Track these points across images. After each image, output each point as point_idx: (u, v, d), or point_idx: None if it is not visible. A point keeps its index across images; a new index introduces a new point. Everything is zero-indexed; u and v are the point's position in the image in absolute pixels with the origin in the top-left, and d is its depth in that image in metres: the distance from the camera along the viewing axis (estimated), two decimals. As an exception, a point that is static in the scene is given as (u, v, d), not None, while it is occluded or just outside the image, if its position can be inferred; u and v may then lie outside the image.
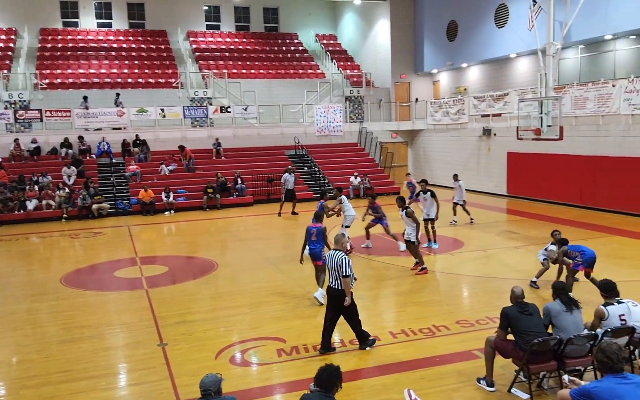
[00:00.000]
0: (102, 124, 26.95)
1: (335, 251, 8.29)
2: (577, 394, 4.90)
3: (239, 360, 8.27)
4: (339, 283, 8.13)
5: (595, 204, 20.22)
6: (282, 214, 21.82)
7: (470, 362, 7.85)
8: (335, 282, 8.19)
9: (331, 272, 8.24)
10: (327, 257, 8.41)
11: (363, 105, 32.42)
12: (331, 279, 8.26)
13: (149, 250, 16.85)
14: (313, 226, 11.15)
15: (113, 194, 24.12)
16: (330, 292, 8.31)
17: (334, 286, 8.20)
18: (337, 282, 8.15)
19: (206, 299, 11.53)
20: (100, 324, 10.08)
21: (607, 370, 4.76)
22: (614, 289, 7.13)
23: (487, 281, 12.17)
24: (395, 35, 32.74)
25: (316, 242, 10.99)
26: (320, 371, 5.17)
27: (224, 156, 27.79)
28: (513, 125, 22.26)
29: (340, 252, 8.24)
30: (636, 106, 18.70)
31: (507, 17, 25.69)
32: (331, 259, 8.24)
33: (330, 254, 8.32)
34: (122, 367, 8.40)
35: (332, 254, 8.26)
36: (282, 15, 38.98)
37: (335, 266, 8.13)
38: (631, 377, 4.74)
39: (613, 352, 4.75)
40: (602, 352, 4.80)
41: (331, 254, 8.29)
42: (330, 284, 8.30)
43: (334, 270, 8.17)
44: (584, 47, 23.48)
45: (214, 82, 30.46)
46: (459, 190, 18.54)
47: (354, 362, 7.97)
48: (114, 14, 35.61)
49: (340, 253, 8.22)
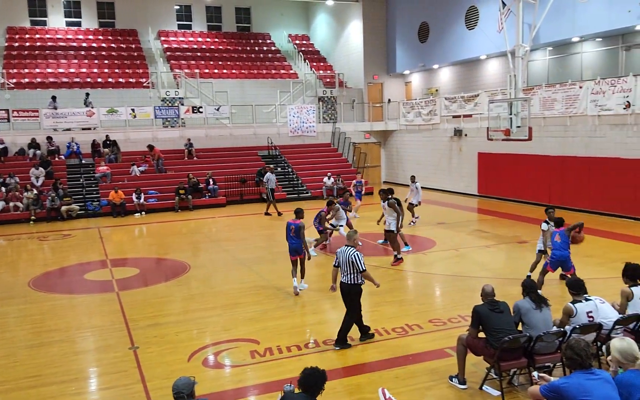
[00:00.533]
0: (71, 124, 26.49)
1: (347, 247, 8.46)
2: (547, 390, 5.00)
3: (212, 363, 8.22)
4: (351, 278, 8.33)
5: (563, 203, 20.61)
6: (270, 213, 21.84)
7: (442, 360, 7.94)
8: (347, 278, 8.37)
9: (344, 268, 8.39)
10: (339, 253, 8.53)
11: (336, 105, 32.51)
12: (343, 275, 8.42)
13: (120, 252, 16.63)
14: (293, 222, 11.40)
15: (83, 196, 23.74)
16: (343, 288, 8.48)
17: (347, 281, 8.39)
18: (349, 277, 8.35)
19: (178, 301, 11.42)
20: (70, 328, 9.91)
21: (576, 367, 4.86)
22: (582, 286, 7.28)
23: (459, 280, 12.32)
24: (368, 37, 32.90)
25: (295, 238, 11.27)
26: (306, 375, 5.05)
27: (196, 157, 27.57)
28: (483, 126, 22.56)
29: (352, 249, 8.40)
30: (602, 107, 19.13)
31: (477, 19, 26.03)
32: (343, 254, 8.39)
33: (342, 250, 8.47)
34: (92, 371, 8.27)
35: (344, 250, 8.42)
36: (255, 15, 38.84)
37: (347, 262, 8.31)
38: (599, 373, 4.85)
39: (582, 349, 4.85)
40: (571, 349, 4.89)
41: (343, 250, 8.45)
42: (342, 279, 8.46)
43: (347, 266, 8.33)
44: (552, 49, 23.93)
45: (186, 82, 30.19)
46: (415, 192, 18.63)
47: (328, 363, 7.97)
48: (84, 12, 35.02)
49: (352, 249, 8.39)
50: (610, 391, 4.74)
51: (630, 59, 20.92)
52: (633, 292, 7.46)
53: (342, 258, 8.41)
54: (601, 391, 4.71)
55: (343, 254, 8.41)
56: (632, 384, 4.83)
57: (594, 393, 4.69)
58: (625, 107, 18.29)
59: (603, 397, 4.69)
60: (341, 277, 8.50)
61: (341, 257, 8.44)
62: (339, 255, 8.50)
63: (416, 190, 18.67)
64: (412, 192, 18.79)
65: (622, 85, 18.40)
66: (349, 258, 8.31)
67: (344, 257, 8.38)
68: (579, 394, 4.72)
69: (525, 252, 14.72)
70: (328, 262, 14.21)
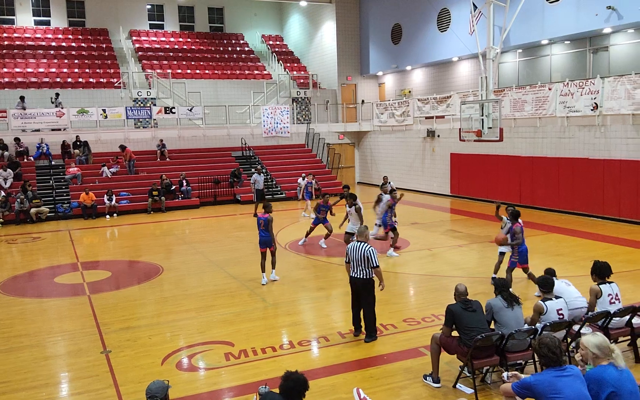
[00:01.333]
0: (40, 125, 25.98)
1: (359, 243, 8.53)
2: (519, 387, 5.09)
3: (186, 366, 8.15)
4: (364, 273, 8.45)
5: (533, 203, 20.99)
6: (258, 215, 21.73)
7: (417, 359, 8.00)
8: (360, 273, 8.47)
9: (356, 264, 8.47)
10: (350, 249, 8.61)
11: (310, 106, 32.53)
12: (355, 270, 8.51)
13: (91, 255, 16.38)
14: (262, 216, 12.02)
15: (53, 198, 23.30)
16: (354, 282, 8.60)
17: (359, 276, 8.49)
18: (362, 272, 8.46)
19: (151, 304, 11.30)
20: (40, 333, 9.72)
21: (550, 364, 4.95)
22: (552, 284, 7.43)
23: (433, 279, 12.44)
24: (341, 38, 32.98)
25: (265, 230, 11.96)
26: (288, 380, 4.91)
27: (169, 158, 27.31)
28: (456, 127, 22.84)
29: (366, 244, 8.49)
30: (571, 109, 19.52)
31: (449, 22, 26.32)
32: (356, 250, 8.47)
33: (355, 245, 8.55)
34: (63, 376, 8.12)
35: (357, 246, 8.50)
36: (228, 16, 38.63)
37: (361, 258, 8.40)
38: (570, 369, 4.94)
39: (556, 347, 4.95)
40: (546, 347, 4.97)
41: (356, 246, 8.52)
42: (354, 274, 8.56)
43: (359, 261, 8.42)
44: (522, 52, 24.31)
45: (158, 82, 29.86)
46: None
47: (302, 363, 7.98)
48: (53, 11, 34.36)
49: (366, 245, 8.47)
50: (580, 387, 4.84)
51: (597, 61, 21.38)
52: (601, 290, 7.64)
53: (355, 255, 8.47)
54: (571, 387, 4.80)
55: (356, 251, 8.46)
56: (601, 379, 4.94)
57: (564, 390, 4.78)
58: (592, 109, 18.69)
59: (573, 393, 4.78)
60: (352, 272, 8.59)
61: (353, 253, 8.50)
62: (351, 251, 8.56)
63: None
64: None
65: (590, 87, 18.80)
66: (364, 254, 8.38)
67: (356, 254, 8.45)
68: (550, 390, 4.82)
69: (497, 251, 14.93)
70: (305, 263, 14.23)
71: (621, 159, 18.13)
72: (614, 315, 7.50)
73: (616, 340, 7.72)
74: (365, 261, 8.41)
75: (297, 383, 4.89)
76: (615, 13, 18.85)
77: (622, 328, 7.67)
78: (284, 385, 4.90)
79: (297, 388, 4.88)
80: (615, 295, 7.68)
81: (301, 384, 4.91)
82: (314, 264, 14.14)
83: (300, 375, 4.95)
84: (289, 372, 5.00)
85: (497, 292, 7.28)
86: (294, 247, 15.99)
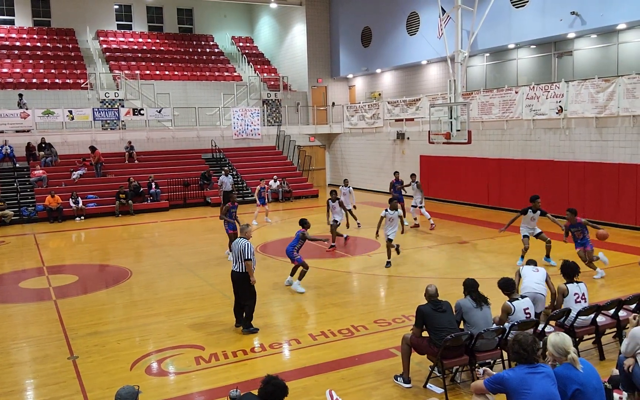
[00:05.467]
0: (4, 126, 25.35)
1: (239, 239, 9.42)
2: (491, 383, 5.19)
3: (156, 370, 8.05)
4: (241, 267, 9.20)
5: (501, 204, 21.34)
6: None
7: (388, 360, 8.06)
8: (238, 267, 9.24)
9: (235, 258, 9.28)
10: (233, 245, 9.44)
11: (281, 108, 32.48)
12: (235, 264, 9.29)
13: (57, 259, 16.05)
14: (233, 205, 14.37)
15: (17, 201, 22.77)
16: (232, 275, 9.39)
17: (238, 270, 9.25)
18: (240, 266, 9.22)
19: (120, 308, 11.13)
20: (4, 339, 9.49)
21: (522, 361, 5.06)
22: (513, 285, 7.59)
23: (403, 280, 12.54)
24: (312, 40, 33.04)
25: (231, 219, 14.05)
26: (267, 385, 4.87)
27: (138, 160, 26.95)
28: (425, 130, 23.08)
29: (244, 240, 9.34)
30: (537, 112, 19.92)
31: (418, 25, 26.59)
32: (236, 245, 9.29)
33: (235, 241, 9.41)
34: (29, 383, 7.93)
35: (237, 241, 9.35)
36: (197, 17, 38.34)
37: (239, 252, 9.19)
38: (542, 368, 5.06)
39: (529, 344, 5.05)
40: (519, 344, 5.07)
41: (236, 241, 9.39)
42: (234, 268, 9.33)
43: (238, 255, 9.21)
44: (490, 55, 24.71)
45: (126, 84, 29.44)
46: (349, 195, 18.58)
47: (274, 366, 7.96)
48: (17, 10, 33.62)
49: (243, 240, 9.33)
50: (549, 385, 4.96)
51: (562, 65, 21.87)
52: (569, 289, 7.83)
53: (235, 249, 9.28)
54: (541, 385, 4.92)
55: (236, 246, 9.28)
56: (567, 377, 5.12)
57: (534, 387, 4.91)
58: (557, 112, 19.11)
59: (542, 390, 4.90)
60: (233, 266, 9.33)
61: (235, 248, 9.31)
62: (233, 246, 9.37)
63: (350, 194, 18.60)
64: (345, 197, 18.62)
65: (555, 91, 19.22)
66: (239, 249, 9.20)
67: (236, 249, 9.26)
68: (520, 386, 4.94)
69: (466, 252, 15.17)
70: (276, 266, 14.19)
71: (585, 161, 18.56)
72: (578, 314, 7.68)
73: (582, 339, 7.92)
74: (241, 255, 9.14)
75: (276, 388, 4.88)
76: (579, 19, 19.32)
77: (587, 327, 7.86)
78: (263, 389, 4.89)
79: (277, 393, 4.87)
80: (582, 295, 7.87)
81: (281, 389, 4.90)
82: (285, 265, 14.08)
83: (280, 381, 4.93)
84: (270, 377, 4.98)
85: (466, 293, 7.39)
86: (265, 249, 15.94)
